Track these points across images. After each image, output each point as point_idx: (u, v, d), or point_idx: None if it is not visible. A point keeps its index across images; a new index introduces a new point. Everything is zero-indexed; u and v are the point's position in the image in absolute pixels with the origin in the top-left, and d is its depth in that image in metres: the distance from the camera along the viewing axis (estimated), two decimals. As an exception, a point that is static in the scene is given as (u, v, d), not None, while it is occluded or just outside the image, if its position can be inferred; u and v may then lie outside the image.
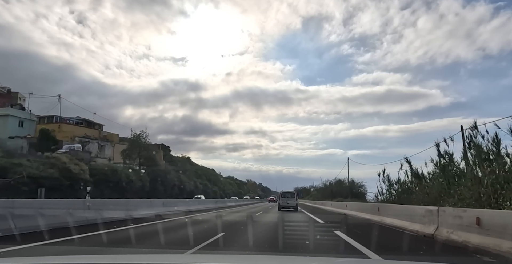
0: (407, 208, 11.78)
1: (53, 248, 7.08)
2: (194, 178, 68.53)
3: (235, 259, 2.89)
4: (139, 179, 41.56)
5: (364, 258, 5.82)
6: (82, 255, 5.09)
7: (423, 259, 6.52)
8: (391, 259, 5.33)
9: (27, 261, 2.34)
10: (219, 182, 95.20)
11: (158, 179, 47.44)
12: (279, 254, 6.41)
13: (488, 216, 7.19)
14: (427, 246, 7.92)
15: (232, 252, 6.89)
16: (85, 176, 31.47)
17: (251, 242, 7.88)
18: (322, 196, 49.03)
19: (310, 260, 2.85)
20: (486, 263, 6.31)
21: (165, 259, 2.52)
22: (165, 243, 7.99)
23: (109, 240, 8.30)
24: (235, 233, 10.24)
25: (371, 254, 6.57)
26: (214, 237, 8.59)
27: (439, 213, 9.11)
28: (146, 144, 47.22)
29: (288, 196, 29.48)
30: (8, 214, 8.84)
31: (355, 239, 8.60)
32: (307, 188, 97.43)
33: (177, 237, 9.43)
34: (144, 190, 44.02)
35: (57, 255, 5.89)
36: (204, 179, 78.36)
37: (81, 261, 2.38)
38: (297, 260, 3.01)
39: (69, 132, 47.17)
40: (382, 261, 4.03)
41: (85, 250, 7.03)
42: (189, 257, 3.76)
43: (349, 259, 4.23)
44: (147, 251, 6.60)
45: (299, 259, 3.38)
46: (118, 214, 13.61)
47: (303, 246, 7.80)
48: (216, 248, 7.18)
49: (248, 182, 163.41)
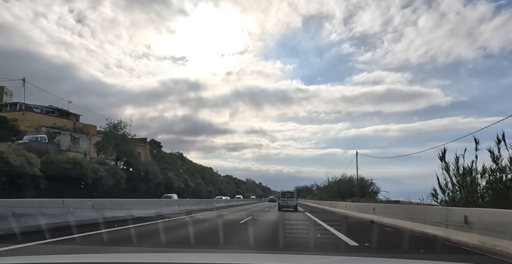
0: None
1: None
2: (185, 176, 62.02)
3: (235, 257, 2.99)
4: (111, 176, 35.09)
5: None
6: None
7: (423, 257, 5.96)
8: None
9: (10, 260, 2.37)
10: (215, 181, 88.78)
11: (139, 177, 41.02)
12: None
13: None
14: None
15: (232, 251, 6.71)
16: (33, 171, 24.98)
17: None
18: (329, 195, 42.44)
19: (306, 258, 2.79)
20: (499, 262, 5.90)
21: (165, 258, 2.63)
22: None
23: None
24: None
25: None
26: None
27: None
28: (124, 136, 40.69)
29: (288, 196, 28.95)
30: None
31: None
32: (309, 187, 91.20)
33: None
34: (120, 189, 37.61)
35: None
36: (198, 178, 71.87)
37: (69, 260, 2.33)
38: (293, 258, 3.15)
39: (35, 121, 40.75)
40: (380, 260, 3.36)
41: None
42: (190, 256, 3.46)
43: (345, 257, 3.81)
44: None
45: (295, 257, 3.44)
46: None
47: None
48: None
49: (247, 181, 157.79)
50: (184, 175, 62.53)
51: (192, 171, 73.52)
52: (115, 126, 40.59)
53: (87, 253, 6.02)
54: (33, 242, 7.37)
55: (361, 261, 3.17)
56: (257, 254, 5.38)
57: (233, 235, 9.52)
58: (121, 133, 40.75)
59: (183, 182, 57.45)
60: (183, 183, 57.33)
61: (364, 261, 3.22)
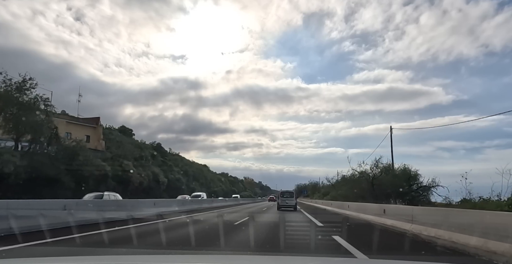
0: None
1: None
2: (155, 170, 47.26)
3: (234, 259, 2.94)
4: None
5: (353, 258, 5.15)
6: None
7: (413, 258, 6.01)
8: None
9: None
10: (202, 177, 73.81)
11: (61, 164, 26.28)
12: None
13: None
14: None
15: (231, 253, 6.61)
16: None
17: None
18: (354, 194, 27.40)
19: (307, 260, 2.79)
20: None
21: (166, 260, 2.60)
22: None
23: None
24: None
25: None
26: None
27: None
28: (30, 102, 25.92)
29: (287, 195, 28.35)
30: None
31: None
32: (314, 184, 76.04)
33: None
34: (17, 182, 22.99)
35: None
36: (176, 172, 57.00)
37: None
38: (293, 260, 3.00)
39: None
40: (380, 261, 3.39)
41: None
42: (190, 258, 3.48)
43: (345, 258, 4.01)
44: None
45: (296, 259, 3.29)
46: None
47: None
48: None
49: (245, 180, 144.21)
50: (154, 168, 47.74)
51: (169, 165, 58.77)
52: (19, 87, 25.76)
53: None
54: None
55: (360, 262, 3.49)
56: (257, 256, 5.27)
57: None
58: (28, 98, 25.94)
59: (149, 177, 42.61)
60: (149, 178, 42.49)
61: (364, 262, 3.48)
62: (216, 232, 9.81)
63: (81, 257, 3.42)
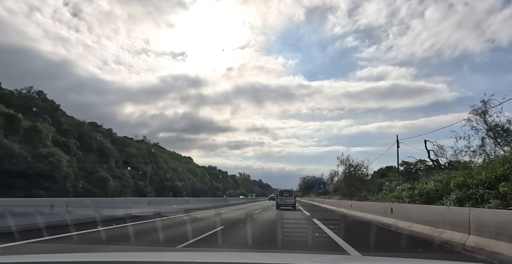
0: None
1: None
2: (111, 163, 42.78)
3: (231, 256, 2.97)
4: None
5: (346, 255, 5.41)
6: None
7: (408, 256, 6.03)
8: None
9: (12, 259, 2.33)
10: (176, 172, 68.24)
11: None
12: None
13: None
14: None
15: (227, 249, 6.84)
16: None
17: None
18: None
19: (304, 257, 2.84)
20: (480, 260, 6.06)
21: (163, 257, 2.64)
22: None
23: None
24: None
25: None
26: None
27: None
28: None
29: (286, 194, 28.68)
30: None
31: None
32: (322, 179, 62.69)
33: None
34: None
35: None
36: (120, 163, 48.53)
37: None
38: (291, 257, 3.00)
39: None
40: (375, 259, 3.50)
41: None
42: (186, 254, 3.54)
43: (341, 256, 4.02)
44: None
45: (293, 256, 3.25)
46: None
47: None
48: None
49: (240, 176, 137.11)
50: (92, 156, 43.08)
51: (135, 153, 54.01)
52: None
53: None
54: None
55: (355, 259, 3.52)
56: (256, 253, 5.48)
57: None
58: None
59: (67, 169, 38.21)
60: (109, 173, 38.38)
61: (359, 259, 3.49)
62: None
63: (91, 254, 3.21)
